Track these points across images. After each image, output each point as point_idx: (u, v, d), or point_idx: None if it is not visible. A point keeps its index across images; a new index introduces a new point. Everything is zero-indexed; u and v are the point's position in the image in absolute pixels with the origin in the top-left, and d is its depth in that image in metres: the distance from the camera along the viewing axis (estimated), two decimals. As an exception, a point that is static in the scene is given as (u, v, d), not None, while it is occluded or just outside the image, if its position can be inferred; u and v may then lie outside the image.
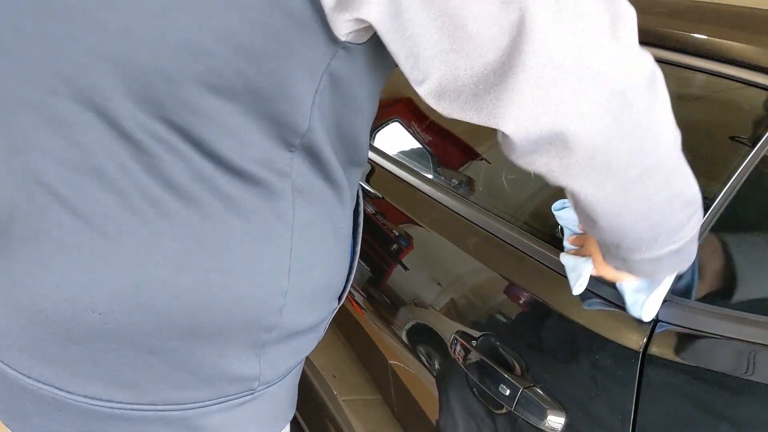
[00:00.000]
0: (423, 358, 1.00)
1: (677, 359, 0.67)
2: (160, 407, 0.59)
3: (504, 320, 0.87)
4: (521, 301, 0.87)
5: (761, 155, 0.73)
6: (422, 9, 0.45)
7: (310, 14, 0.48)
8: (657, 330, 0.69)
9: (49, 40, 0.50)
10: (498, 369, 0.79)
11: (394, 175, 1.26)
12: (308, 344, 0.69)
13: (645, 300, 0.70)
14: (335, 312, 0.72)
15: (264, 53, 0.50)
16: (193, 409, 0.60)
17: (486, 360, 0.82)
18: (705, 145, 0.84)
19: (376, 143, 1.40)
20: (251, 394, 0.64)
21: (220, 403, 0.62)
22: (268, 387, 0.66)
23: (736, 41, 0.80)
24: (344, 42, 0.51)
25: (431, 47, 0.47)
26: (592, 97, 0.46)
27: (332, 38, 0.51)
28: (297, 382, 0.75)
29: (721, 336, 0.66)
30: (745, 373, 0.64)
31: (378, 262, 1.19)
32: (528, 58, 0.45)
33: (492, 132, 0.50)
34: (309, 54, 0.51)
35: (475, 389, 0.84)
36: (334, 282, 0.67)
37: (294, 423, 1.43)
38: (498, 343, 0.84)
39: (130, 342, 0.56)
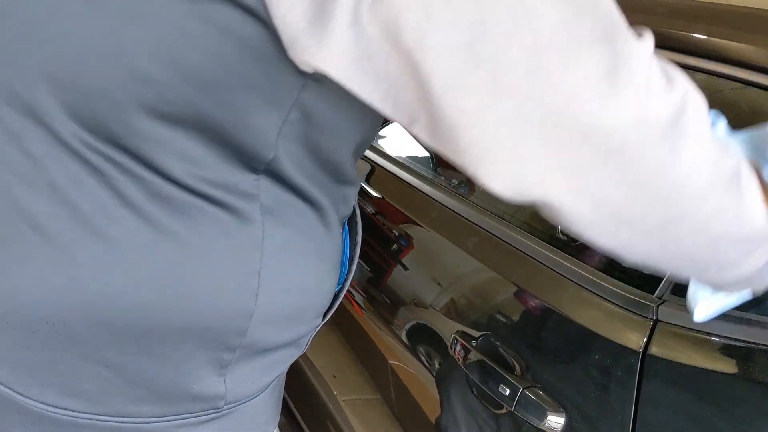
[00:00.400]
0: (423, 358, 1.00)
1: (677, 359, 0.67)
2: (115, 419, 0.58)
3: (504, 320, 0.87)
4: (521, 301, 0.87)
5: (761, 155, 0.73)
6: (392, 56, 0.42)
7: (269, 46, 0.46)
8: (657, 330, 0.69)
9: (2, 53, 0.50)
10: (498, 369, 0.79)
11: (394, 175, 1.26)
12: (286, 359, 0.67)
13: (702, 298, 0.61)
14: (319, 327, 0.71)
15: (217, 84, 0.48)
16: (151, 423, 0.59)
17: (486, 360, 0.82)
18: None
19: (376, 143, 1.40)
20: (217, 411, 0.62)
21: (180, 419, 0.60)
22: (239, 405, 0.64)
23: (736, 41, 0.80)
24: (313, 74, 0.48)
25: (412, 92, 0.43)
26: (579, 156, 0.42)
27: (297, 70, 0.48)
28: (279, 395, 0.73)
29: (722, 336, 0.66)
30: (745, 373, 0.64)
31: (378, 262, 1.19)
32: (505, 114, 0.41)
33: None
34: (270, 86, 0.49)
35: (475, 389, 0.84)
36: (315, 302, 0.65)
37: (294, 423, 1.43)
38: (498, 343, 0.84)
39: (84, 354, 0.55)
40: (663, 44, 0.87)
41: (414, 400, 1.02)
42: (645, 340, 0.69)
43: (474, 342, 0.87)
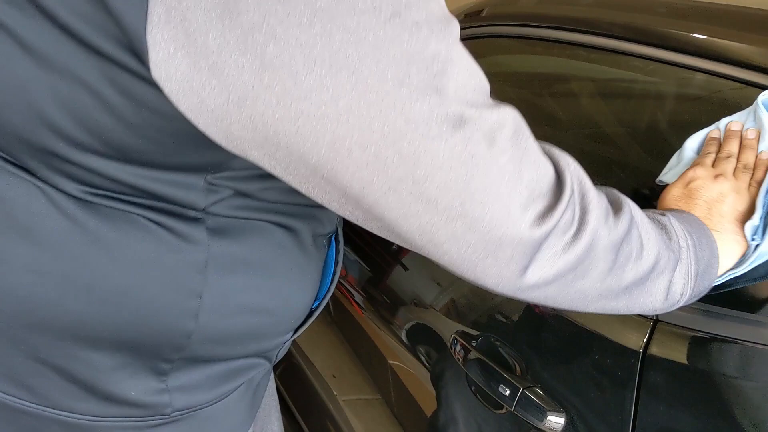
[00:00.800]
0: (423, 358, 1.00)
1: (677, 359, 0.67)
2: (61, 413, 0.59)
3: (504, 320, 0.87)
4: (521, 301, 0.87)
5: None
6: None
7: (187, 121, 0.45)
8: (657, 330, 0.69)
9: None
10: (498, 369, 0.79)
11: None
12: (248, 369, 0.66)
13: None
14: (290, 341, 0.70)
15: (136, 150, 0.48)
16: (95, 421, 0.59)
17: (486, 360, 0.82)
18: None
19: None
20: (164, 417, 0.61)
21: (125, 422, 0.60)
22: (194, 411, 0.63)
23: (736, 41, 0.80)
24: None
25: (351, 207, 0.48)
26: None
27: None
28: (253, 401, 0.72)
29: (721, 336, 0.66)
30: (745, 373, 0.64)
31: (378, 262, 1.19)
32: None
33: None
34: (192, 154, 0.49)
35: (474, 389, 0.84)
36: (279, 321, 0.64)
37: (294, 423, 1.43)
38: (498, 343, 0.84)
39: (23, 352, 0.56)
40: (663, 44, 0.87)
41: (414, 400, 1.02)
42: (645, 340, 0.69)
43: (474, 342, 0.87)
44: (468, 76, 0.44)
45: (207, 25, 0.39)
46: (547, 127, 1.03)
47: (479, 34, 1.17)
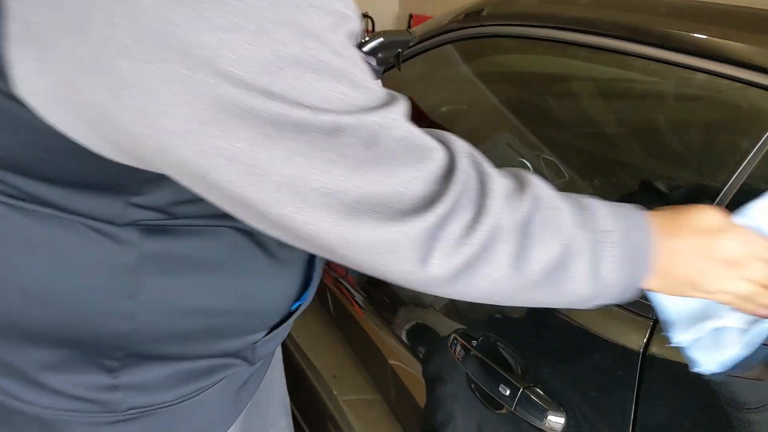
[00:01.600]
0: (423, 358, 1.00)
1: (677, 359, 0.67)
2: (17, 402, 0.58)
3: (504, 320, 0.87)
4: (521, 301, 0.87)
5: (761, 156, 0.73)
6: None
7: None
8: (657, 330, 0.69)
9: None
10: (498, 369, 0.79)
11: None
12: (218, 368, 0.64)
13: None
14: (268, 340, 0.68)
15: (38, 168, 0.49)
16: (50, 413, 0.59)
17: (486, 360, 0.82)
18: (705, 145, 0.84)
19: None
20: (119, 414, 0.60)
21: (80, 416, 0.59)
22: (156, 409, 0.61)
23: (736, 41, 0.80)
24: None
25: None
26: None
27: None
28: (234, 401, 0.70)
29: (721, 336, 0.66)
30: (745, 372, 0.64)
31: (378, 262, 1.19)
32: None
33: (491, 132, 0.50)
34: (98, 172, 0.49)
35: (475, 389, 0.84)
36: (237, 324, 0.63)
37: (294, 423, 1.43)
38: (498, 343, 0.84)
39: None
40: (663, 44, 0.87)
41: (414, 400, 1.02)
42: (645, 340, 0.69)
43: (474, 342, 0.87)
44: (333, 82, 0.42)
45: (57, 41, 0.37)
46: (547, 127, 1.03)
47: (479, 34, 1.17)
